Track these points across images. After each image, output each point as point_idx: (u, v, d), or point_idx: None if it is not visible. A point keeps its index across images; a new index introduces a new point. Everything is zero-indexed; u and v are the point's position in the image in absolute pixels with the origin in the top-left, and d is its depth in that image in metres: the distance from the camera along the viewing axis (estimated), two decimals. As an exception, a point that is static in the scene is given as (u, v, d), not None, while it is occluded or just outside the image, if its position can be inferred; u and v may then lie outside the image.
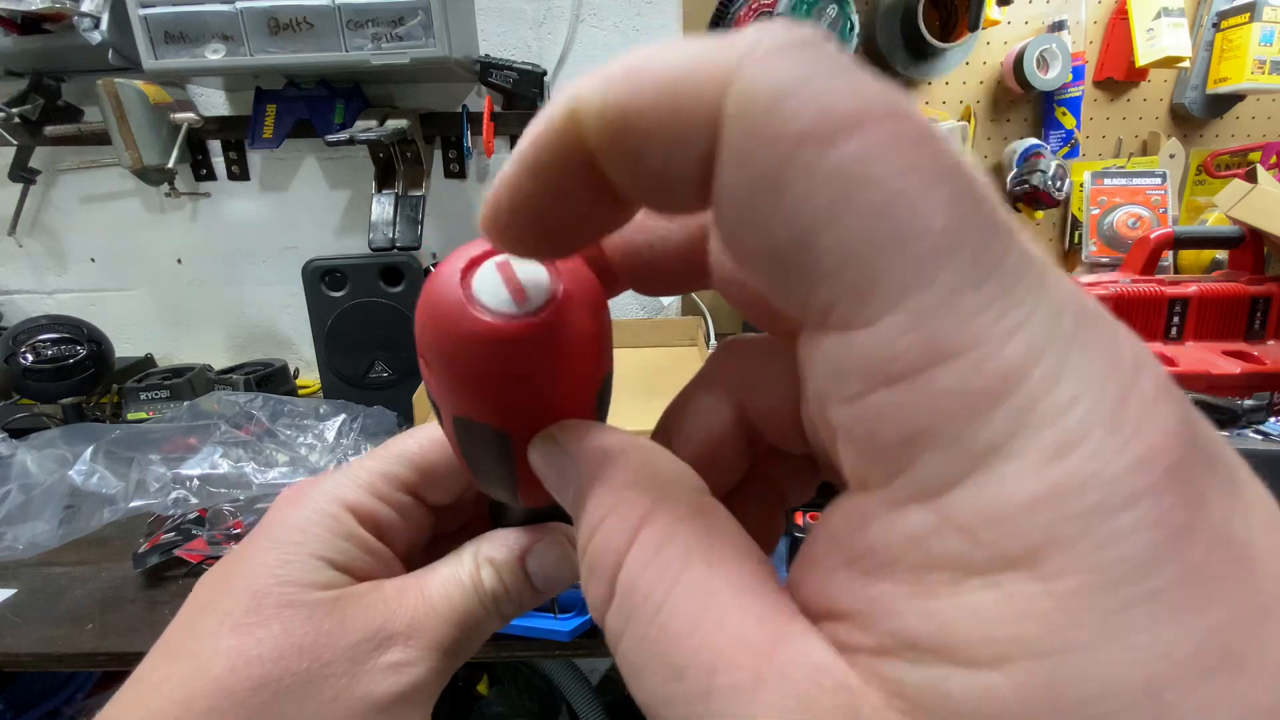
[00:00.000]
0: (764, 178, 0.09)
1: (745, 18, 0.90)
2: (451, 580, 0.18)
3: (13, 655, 0.53)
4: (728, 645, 0.10)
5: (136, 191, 1.11)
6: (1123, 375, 0.08)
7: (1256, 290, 0.85)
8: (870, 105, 0.09)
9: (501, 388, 0.13)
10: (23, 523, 0.66)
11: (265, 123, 1.01)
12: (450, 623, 0.18)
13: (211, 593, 0.17)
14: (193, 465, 0.68)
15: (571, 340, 0.13)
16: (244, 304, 1.17)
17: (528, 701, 1.10)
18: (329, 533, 0.18)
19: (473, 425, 0.14)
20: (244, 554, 0.18)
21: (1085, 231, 1.04)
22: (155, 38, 0.85)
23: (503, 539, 0.19)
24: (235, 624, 0.16)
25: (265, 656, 0.16)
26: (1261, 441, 0.67)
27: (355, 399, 0.87)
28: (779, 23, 0.09)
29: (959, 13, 0.93)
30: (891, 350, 0.09)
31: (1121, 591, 0.08)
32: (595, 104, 0.10)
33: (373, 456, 0.20)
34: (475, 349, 0.12)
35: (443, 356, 0.13)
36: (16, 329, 0.91)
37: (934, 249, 0.08)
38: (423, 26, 0.84)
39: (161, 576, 0.61)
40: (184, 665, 0.16)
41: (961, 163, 0.09)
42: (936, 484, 0.09)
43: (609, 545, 0.12)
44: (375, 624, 0.17)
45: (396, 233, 0.96)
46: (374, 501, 0.19)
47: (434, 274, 0.13)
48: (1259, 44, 0.94)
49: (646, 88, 0.09)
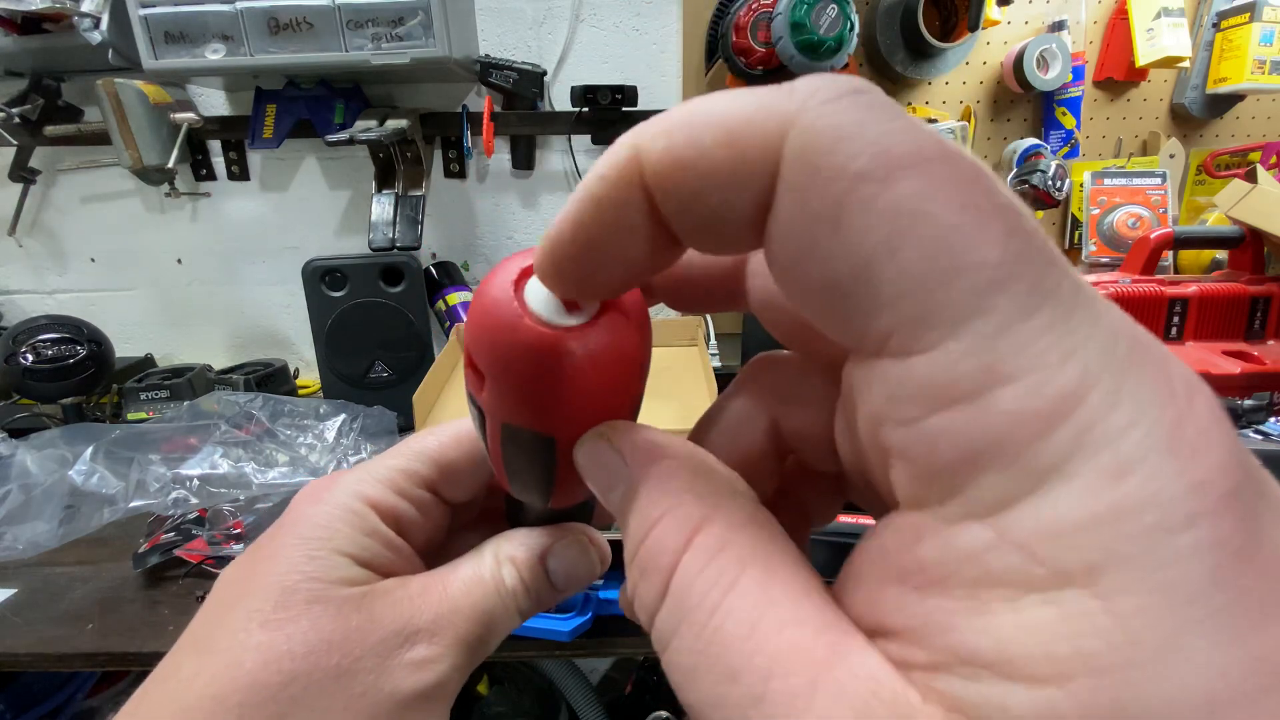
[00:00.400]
0: (824, 214, 0.09)
1: (745, 18, 0.90)
2: (474, 578, 0.19)
3: (13, 655, 0.53)
4: (784, 651, 0.10)
5: (136, 191, 1.11)
6: (1177, 400, 0.09)
7: (1256, 290, 0.85)
8: (924, 147, 0.09)
9: (553, 395, 0.13)
10: (23, 523, 0.66)
11: (265, 123, 1.01)
12: (472, 620, 0.18)
13: (237, 589, 0.18)
14: (193, 465, 0.68)
15: (620, 349, 0.13)
16: (244, 304, 1.17)
17: (528, 701, 1.10)
18: (353, 529, 0.18)
19: (521, 432, 0.14)
20: (269, 551, 0.18)
21: (1085, 231, 1.04)
22: (155, 38, 0.85)
23: (523, 538, 0.20)
24: (265, 620, 0.16)
25: (296, 652, 0.16)
26: (1262, 441, 0.67)
27: (355, 399, 0.87)
28: (832, 75, 0.10)
29: (959, 13, 0.93)
30: (952, 374, 0.09)
31: (1181, 611, 0.08)
32: (659, 146, 0.10)
33: (393, 454, 0.20)
34: (532, 357, 0.13)
35: (498, 365, 0.13)
36: (16, 329, 0.91)
37: (991, 279, 0.09)
38: (423, 26, 0.84)
39: (161, 576, 0.61)
40: (215, 660, 0.16)
41: (1012, 200, 0.10)
42: (995, 502, 0.09)
43: (664, 546, 0.12)
44: (401, 620, 0.17)
45: (396, 233, 0.96)
46: (395, 498, 0.19)
47: (486, 286, 0.13)
48: (1259, 44, 0.94)
49: (709, 131, 0.10)
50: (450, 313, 1.05)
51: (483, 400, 0.14)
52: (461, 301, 1.06)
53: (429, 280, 1.07)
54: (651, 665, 1.14)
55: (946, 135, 0.82)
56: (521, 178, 1.10)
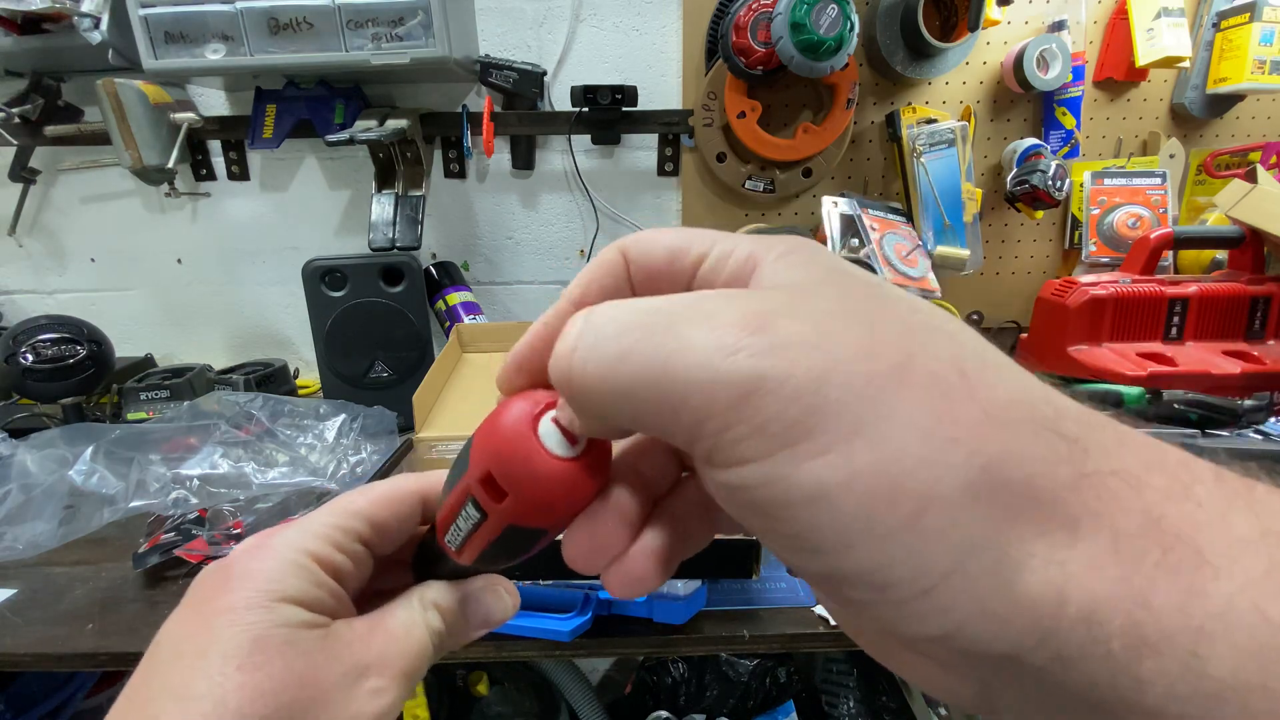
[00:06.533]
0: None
1: (745, 18, 0.90)
2: (408, 620, 0.22)
3: (13, 655, 0.53)
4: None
5: (136, 191, 1.11)
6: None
7: (1256, 290, 0.85)
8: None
9: (557, 503, 0.18)
10: (23, 523, 0.66)
11: (265, 123, 1.01)
12: (408, 656, 0.22)
13: (198, 641, 0.19)
14: (193, 465, 0.68)
15: (601, 465, 0.18)
16: (244, 304, 1.17)
17: (528, 701, 1.10)
18: (302, 580, 0.21)
19: (522, 530, 0.18)
20: (224, 604, 0.20)
21: (1085, 231, 1.04)
22: (155, 38, 0.85)
23: (444, 588, 0.23)
24: (242, 664, 0.19)
25: (275, 689, 0.18)
26: (1261, 441, 0.67)
27: (355, 399, 0.87)
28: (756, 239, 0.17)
29: (959, 13, 0.93)
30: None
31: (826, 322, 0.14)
32: (633, 240, 0.18)
33: (328, 511, 0.23)
34: (547, 476, 0.17)
35: (519, 483, 0.17)
36: (16, 329, 0.91)
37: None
38: (423, 26, 0.84)
39: (161, 576, 0.61)
40: (199, 704, 0.18)
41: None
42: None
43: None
44: (354, 658, 0.20)
45: (396, 233, 0.96)
46: (333, 551, 0.22)
47: (506, 424, 0.18)
48: (1259, 44, 0.94)
49: (661, 239, 0.18)
50: (450, 313, 1.05)
51: (499, 509, 0.18)
52: (462, 302, 1.06)
53: (429, 280, 1.07)
54: (651, 665, 1.14)
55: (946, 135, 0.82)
56: (521, 178, 1.10)
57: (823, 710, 1.09)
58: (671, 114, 1.04)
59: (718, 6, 0.97)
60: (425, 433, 0.78)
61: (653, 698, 1.12)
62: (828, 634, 0.54)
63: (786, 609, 0.56)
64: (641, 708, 1.11)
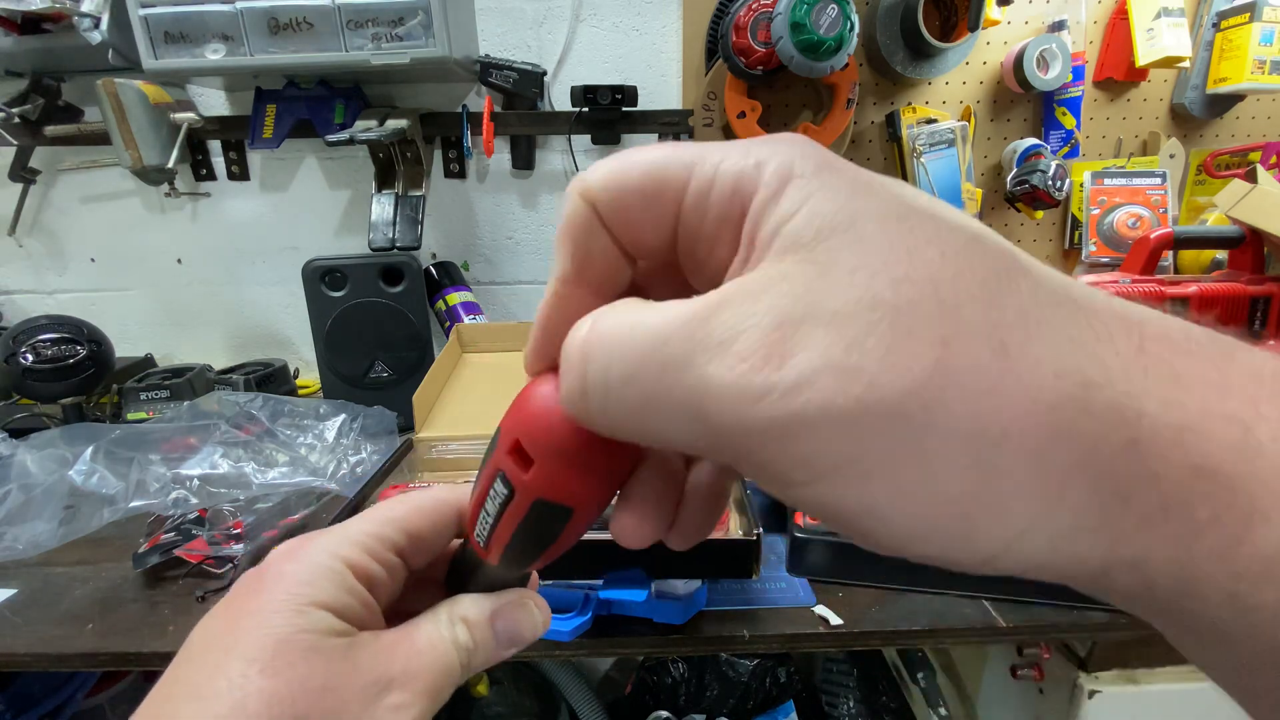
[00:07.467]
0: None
1: (745, 18, 0.90)
2: (435, 635, 0.22)
3: (13, 655, 0.53)
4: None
5: (136, 191, 1.11)
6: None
7: (1256, 290, 0.85)
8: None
9: (581, 463, 0.18)
10: (23, 523, 0.66)
11: (265, 123, 1.01)
12: (434, 671, 0.21)
13: (225, 641, 0.19)
14: (193, 465, 0.68)
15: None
16: (244, 304, 1.17)
17: (528, 701, 1.10)
18: (334, 586, 0.20)
19: (550, 505, 0.18)
20: (254, 605, 0.20)
21: (1085, 231, 1.04)
22: (155, 38, 0.85)
23: (472, 602, 0.23)
24: (264, 667, 0.18)
25: (295, 695, 0.18)
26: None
27: (355, 399, 0.87)
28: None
29: (959, 13, 0.93)
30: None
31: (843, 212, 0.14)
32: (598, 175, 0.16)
33: (366, 519, 0.23)
34: (573, 434, 0.17)
35: (544, 444, 0.18)
36: (16, 329, 0.91)
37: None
38: (423, 26, 0.84)
39: (161, 576, 0.61)
40: (217, 704, 0.18)
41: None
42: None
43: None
44: (379, 670, 0.20)
45: (396, 233, 0.96)
46: (368, 559, 0.22)
47: (532, 394, 0.18)
48: (1259, 44, 0.94)
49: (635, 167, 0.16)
50: (450, 312, 1.05)
51: (525, 480, 0.18)
52: (462, 302, 1.06)
53: (429, 280, 1.07)
54: (651, 665, 1.14)
55: (946, 135, 0.81)
56: (521, 178, 1.10)
57: (823, 710, 1.09)
58: (671, 114, 1.04)
59: (718, 6, 0.97)
60: (425, 433, 0.78)
61: (653, 698, 1.12)
62: (828, 634, 0.54)
63: (786, 609, 0.56)
64: (641, 708, 1.11)
